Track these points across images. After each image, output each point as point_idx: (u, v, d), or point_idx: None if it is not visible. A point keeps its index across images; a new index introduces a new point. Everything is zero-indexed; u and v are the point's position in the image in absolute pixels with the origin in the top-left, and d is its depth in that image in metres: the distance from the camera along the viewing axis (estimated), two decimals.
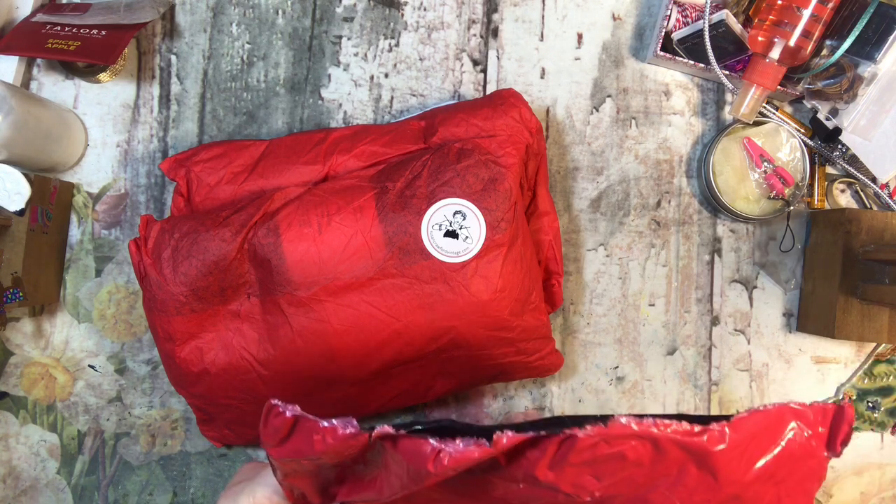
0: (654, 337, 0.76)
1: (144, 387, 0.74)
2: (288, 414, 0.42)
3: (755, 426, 0.42)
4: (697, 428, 0.40)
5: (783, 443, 0.43)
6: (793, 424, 0.43)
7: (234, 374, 0.63)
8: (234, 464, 0.75)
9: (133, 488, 0.74)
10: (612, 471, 0.42)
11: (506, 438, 0.40)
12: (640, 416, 0.40)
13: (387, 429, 0.42)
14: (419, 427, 0.47)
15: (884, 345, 0.77)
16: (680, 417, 0.45)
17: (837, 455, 0.44)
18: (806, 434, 0.43)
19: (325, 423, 0.42)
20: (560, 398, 0.76)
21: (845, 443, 0.44)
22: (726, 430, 0.41)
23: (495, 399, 0.76)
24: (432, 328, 0.62)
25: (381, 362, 0.63)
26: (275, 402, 0.43)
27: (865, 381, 0.77)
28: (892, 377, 0.78)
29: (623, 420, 0.40)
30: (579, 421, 0.48)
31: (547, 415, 0.76)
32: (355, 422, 0.42)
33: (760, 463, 0.42)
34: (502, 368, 0.67)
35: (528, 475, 0.42)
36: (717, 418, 0.43)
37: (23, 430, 0.74)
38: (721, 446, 0.41)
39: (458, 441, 0.40)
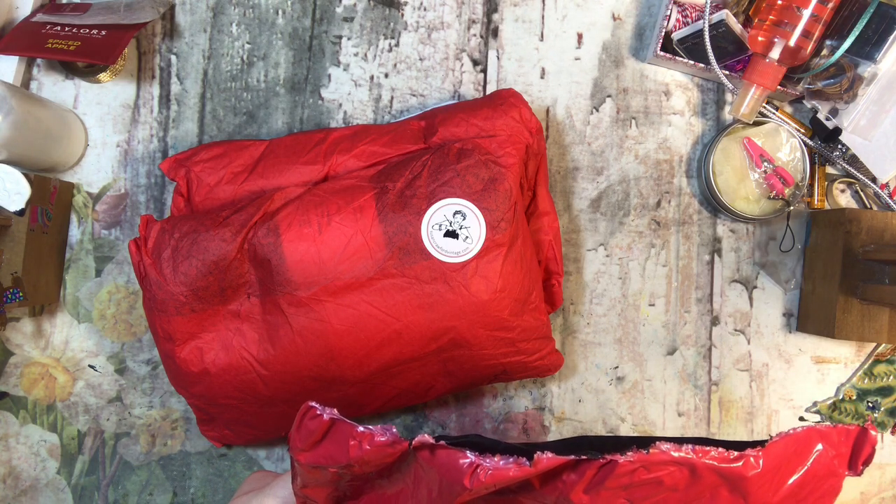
0: (654, 337, 0.76)
1: (144, 387, 0.74)
2: (325, 416, 0.41)
3: (786, 449, 0.43)
4: (734, 454, 0.41)
5: (809, 463, 0.44)
6: (819, 446, 0.44)
7: (234, 374, 0.63)
8: (233, 464, 0.75)
9: (133, 488, 0.74)
10: (647, 495, 0.42)
11: (546, 459, 0.39)
12: (679, 442, 0.40)
13: (427, 438, 0.41)
14: (455, 440, 0.45)
15: (884, 345, 0.77)
16: (712, 442, 0.46)
17: (858, 474, 0.45)
18: (830, 454, 0.44)
19: (363, 429, 0.41)
20: (560, 398, 0.76)
21: (867, 463, 0.45)
22: (760, 455, 0.42)
23: (495, 399, 0.76)
24: (432, 328, 0.62)
25: (381, 362, 0.63)
26: (312, 403, 0.42)
27: (865, 381, 0.77)
28: (892, 377, 0.78)
29: (665, 447, 0.40)
30: (611, 442, 0.48)
31: (547, 415, 0.76)
32: (394, 429, 0.41)
33: (788, 483, 0.43)
34: (502, 368, 0.67)
35: (562, 498, 0.41)
36: (752, 444, 0.44)
37: (23, 430, 0.74)
38: (755, 471, 0.41)
39: (497, 457, 0.40)
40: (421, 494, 0.43)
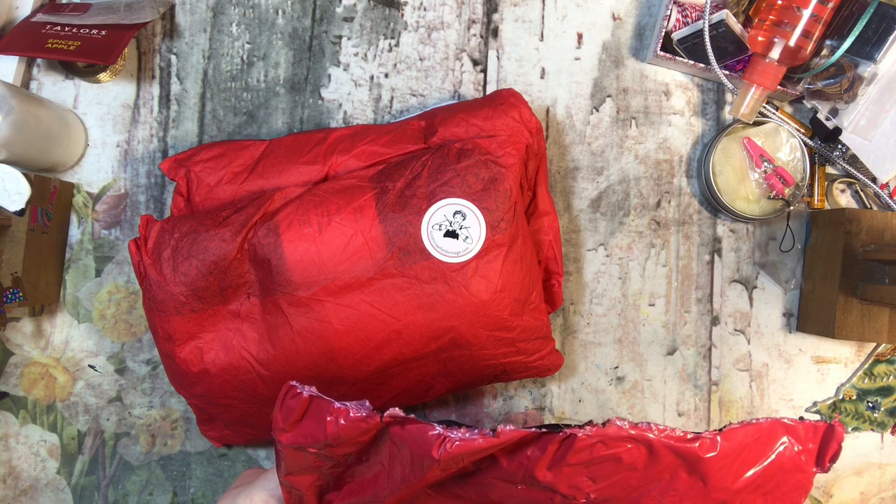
0: (654, 337, 0.77)
1: (144, 387, 0.74)
2: (305, 394, 0.43)
3: (747, 437, 0.44)
4: (690, 434, 0.42)
5: (773, 455, 0.44)
6: (784, 439, 0.45)
7: (234, 374, 0.63)
8: (233, 464, 0.75)
9: (133, 488, 0.74)
10: (608, 473, 0.43)
11: (509, 431, 0.41)
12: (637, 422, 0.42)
13: (397, 411, 0.43)
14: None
15: (884, 345, 0.77)
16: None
17: (825, 471, 0.46)
18: (796, 449, 0.45)
19: (339, 405, 0.43)
20: (560, 398, 0.76)
21: (834, 460, 0.46)
22: (718, 438, 0.43)
23: (495, 399, 0.76)
24: (432, 328, 0.62)
25: (381, 362, 0.63)
26: (293, 383, 0.44)
27: (865, 381, 0.77)
28: (892, 377, 0.78)
29: (620, 423, 0.41)
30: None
31: (547, 415, 0.76)
32: (368, 403, 0.43)
33: (750, 473, 0.44)
34: (502, 368, 0.67)
35: (528, 475, 0.43)
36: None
37: (23, 430, 0.74)
38: (712, 454, 0.42)
39: (463, 429, 0.41)
40: (395, 472, 0.44)
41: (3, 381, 0.74)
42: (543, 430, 0.43)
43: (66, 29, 0.69)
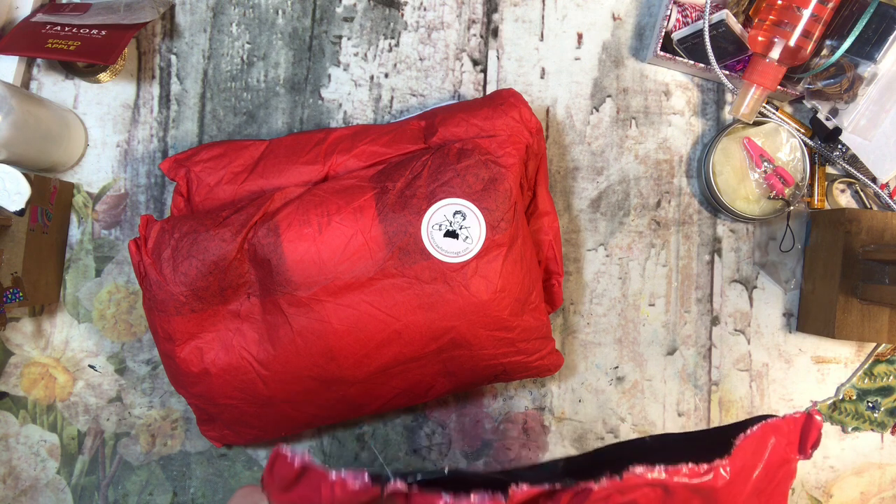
0: (654, 337, 0.76)
1: (144, 387, 0.74)
2: (296, 464, 0.42)
3: (746, 451, 0.45)
4: (703, 468, 0.42)
5: (766, 456, 0.46)
6: (772, 440, 0.46)
7: (234, 374, 0.63)
8: (233, 464, 0.75)
9: (133, 488, 0.74)
10: None
11: (522, 492, 0.40)
12: (652, 464, 0.41)
13: (399, 485, 0.41)
14: (429, 478, 0.45)
15: (884, 345, 0.77)
16: (687, 437, 0.47)
17: (808, 458, 0.47)
18: (783, 444, 0.46)
19: (335, 476, 0.41)
20: (560, 398, 0.76)
21: (815, 447, 0.47)
22: (727, 464, 0.43)
23: (495, 399, 0.76)
24: (432, 328, 0.62)
25: (381, 362, 0.63)
26: (283, 450, 0.42)
27: (865, 381, 0.77)
28: (892, 377, 0.78)
29: (638, 470, 0.41)
30: (591, 461, 0.49)
31: (547, 415, 0.76)
32: (367, 475, 0.41)
33: (751, 479, 0.45)
34: (502, 368, 0.67)
35: None
36: (718, 432, 0.45)
37: (23, 430, 0.74)
38: (724, 482, 0.43)
39: (472, 497, 0.40)
40: None
41: (3, 381, 0.74)
42: (558, 485, 0.42)
43: (66, 29, 0.69)
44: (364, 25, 0.76)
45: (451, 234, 0.61)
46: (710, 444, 0.45)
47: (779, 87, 0.71)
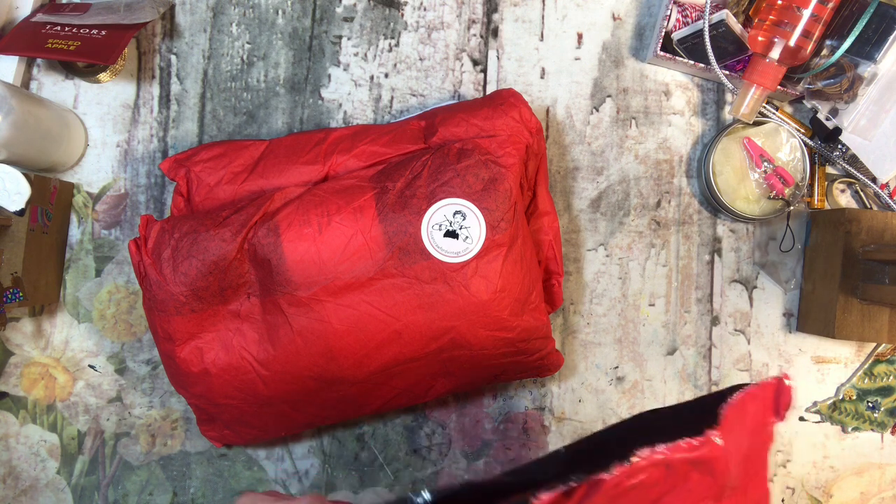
0: (654, 337, 0.76)
1: (144, 387, 0.74)
2: None
3: (731, 420, 0.46)
4: (699, 440, 0.44)
5: (748, 423, 0.47)
6: (751, 406, 0.48)
7: (234, 374, 0.63)
8: (233, 464, 0.75)
9: (133, 488, 0.74)
10: (631, 499, 0.44)
11: (541, 501, 0.41)
12: (653, 443, 0.43)
13: None
14: (445, 495, 0.46)
15: (884, 345, 0.77)
16: (673, 410, 0.47)
17: (782, 420, 0.49)
18: (759, 410, 0.48)
19: None
20: (560, 398, 0.76)
21: (787, 408, 0.49)
22: (719, 437, 0.45)
23: (495, 399, 0.76)
24: (432, 328, 0.62)
25: (381, 362, 0.63)
26: None
27: (865, 381, 0.77)
28: (892, 377, 0.78)
29: (644, 454, 0.43)
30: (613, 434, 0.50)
31: (547, 415, 0.76)
32: None
33: (739, 447, 0.46)
34: (502, 368, 0.67)
35: None
36: (698, 404, 0.47)
37: (23, 430, 0.74)
38: (718, 452, 0.45)
39: None
40: None
41: (3, 381, 0.74)
42: (572, 483, 0.43)
43: (66, 29, 0.69)
44: (364, 25, 0.76)
45: (451, 234, 0.61)
46: (697, 415, 0.47)
47: (779, 87, 0.71)
